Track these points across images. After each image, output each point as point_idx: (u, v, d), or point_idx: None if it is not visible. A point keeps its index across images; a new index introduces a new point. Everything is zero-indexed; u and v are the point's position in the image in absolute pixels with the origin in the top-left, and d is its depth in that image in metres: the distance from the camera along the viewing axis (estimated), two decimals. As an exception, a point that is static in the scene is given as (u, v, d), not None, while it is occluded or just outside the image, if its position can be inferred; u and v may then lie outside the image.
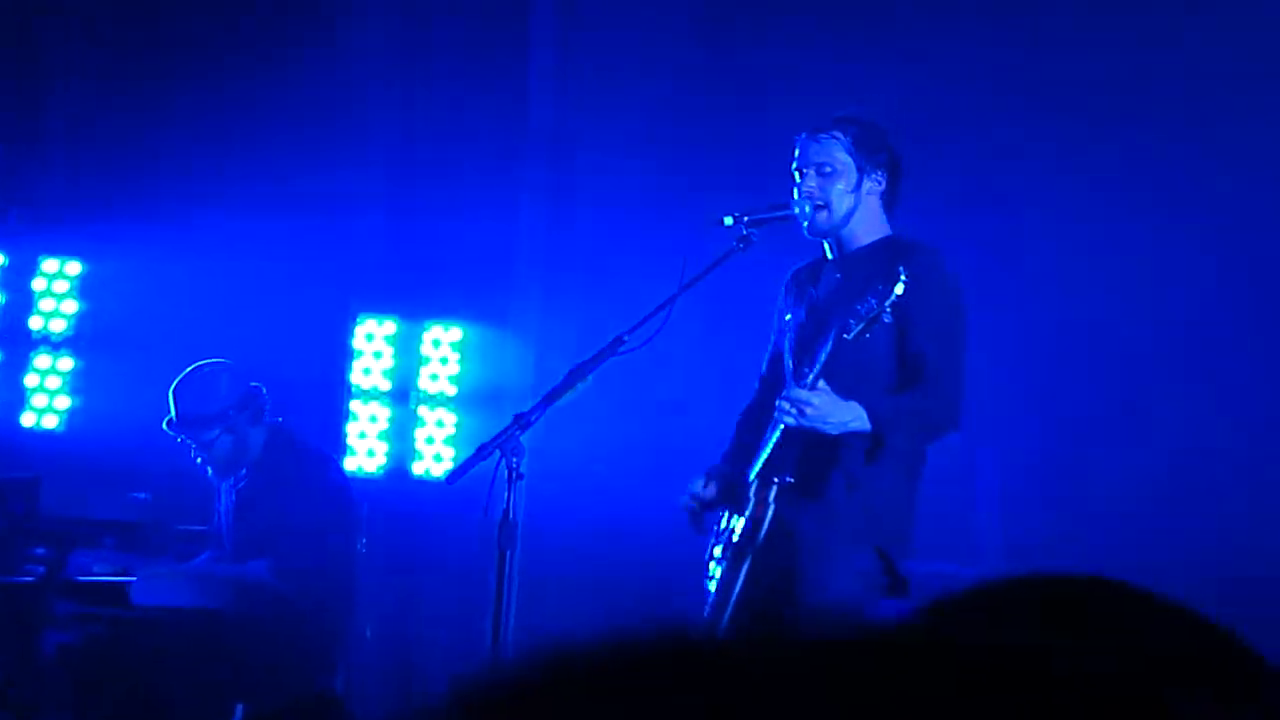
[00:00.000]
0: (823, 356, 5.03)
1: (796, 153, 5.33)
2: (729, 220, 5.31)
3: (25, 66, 8.23)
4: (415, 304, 8.71)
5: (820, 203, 5.27)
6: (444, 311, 8.73)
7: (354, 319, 8.70)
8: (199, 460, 6.49)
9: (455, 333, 8.75)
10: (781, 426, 5.08)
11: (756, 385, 5.51)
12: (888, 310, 4.88)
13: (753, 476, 5.20)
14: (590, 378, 5.25)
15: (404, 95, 8.62)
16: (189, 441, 6.46)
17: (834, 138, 5.30)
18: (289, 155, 8.44)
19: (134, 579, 6.39)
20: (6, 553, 6.40)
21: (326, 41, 8.57)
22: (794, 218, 5.31)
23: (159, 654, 6.32)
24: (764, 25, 8.16)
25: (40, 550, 6.50)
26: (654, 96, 8.37)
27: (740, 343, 6.04)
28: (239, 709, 6.41)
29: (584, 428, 6.81)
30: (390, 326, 8.73)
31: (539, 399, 5.27)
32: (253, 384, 6.55)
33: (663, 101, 8.36)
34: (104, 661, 6.36)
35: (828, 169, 5.28)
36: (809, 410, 5.01)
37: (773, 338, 5.48)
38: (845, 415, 5.04)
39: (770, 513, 5.13)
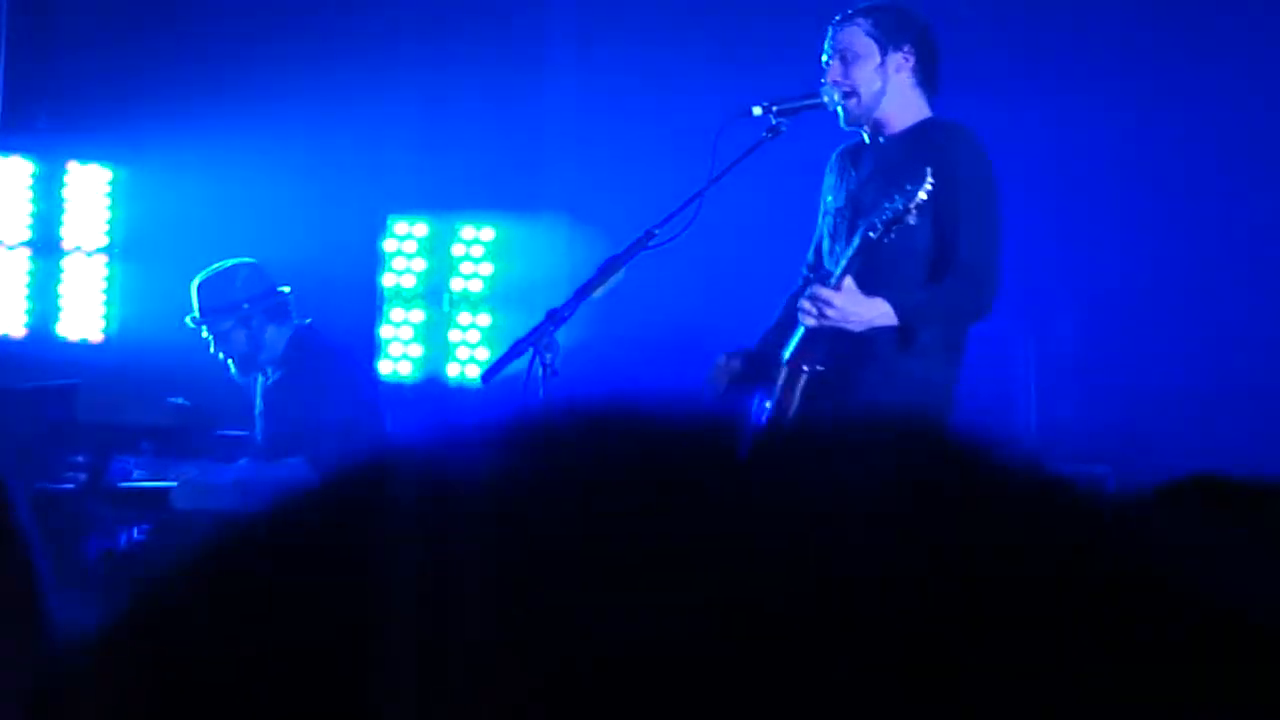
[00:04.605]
0: (849, 254, 5.00)
1: (826, 44, 5.31)
2: (758, 110, 5.27)
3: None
4: (446, 204, 8.69)
5: (847, 89, 5.23)
6: (475, 210, 8.72)
7: (385, 221, 8.70)
8: (220, 356, 6.63)
9: (487, 232, 8.73)
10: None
11: (803, 273, 5.47)
12: (913, 212, 4.85)
13: (782, 361, 5.17)
14: (623, 271, 5.24)
15: (425, 29, 8.56)
16: (208, 335, 6.61)
17: (855, 23, 5.27)
18: (318, 56, 8.40)
19: (174, 483, 6.45)
20: (47, 459, 6.45)
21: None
22: (823, 106, 5.28)
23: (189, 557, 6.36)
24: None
25: (80, 457, 6.55)
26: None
27: (773, 235, 6.01)
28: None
29: (617, 322, 6.80)
30: (422, 228, 8.72)
31: (571, 294, 5.26)
32: (277, 285, 6.68)
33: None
34: (145, 566, 6.41)
35: (850, 54, 5.24)
36: (830, 311, 4.99)
37: (818, 223, 5.44)
38: (869, 312, 5.01)
39: (796, 402, 5.11)
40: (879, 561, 0.61)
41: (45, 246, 8.35)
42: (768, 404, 5.18)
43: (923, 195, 4.81)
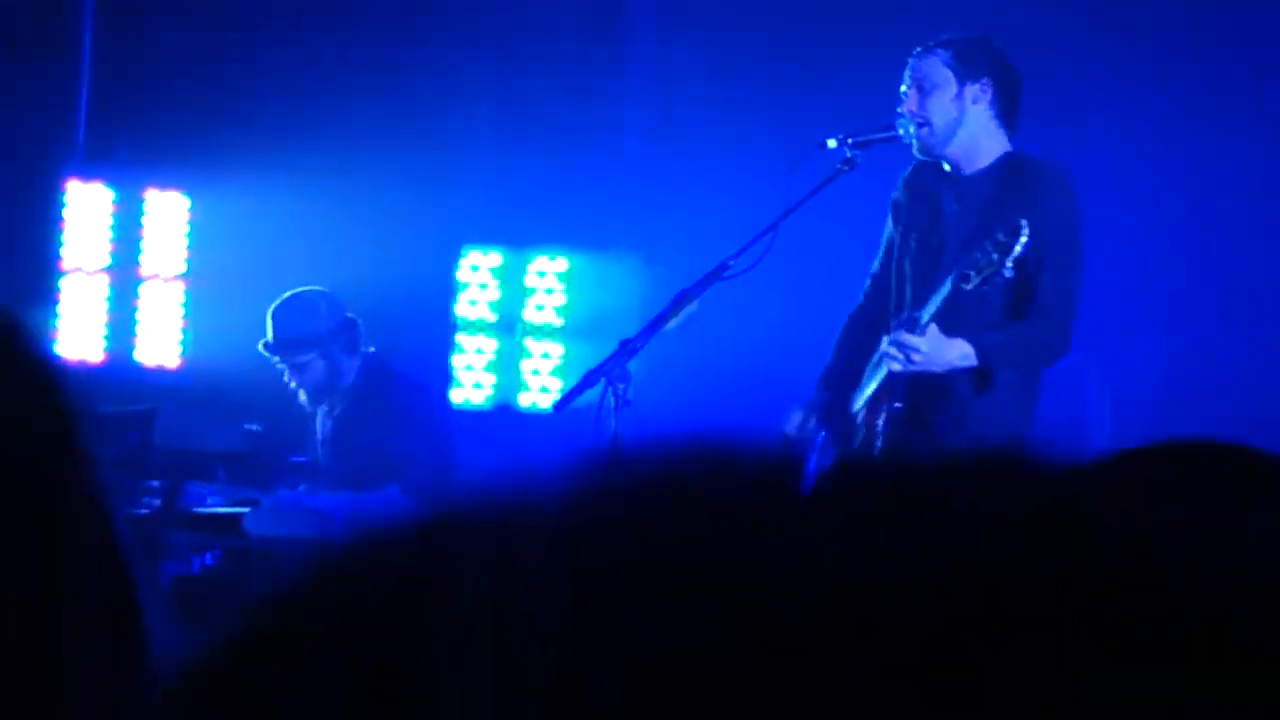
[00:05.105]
0: (938, 301, 4.98)
1: (905, 76, 5.29)
2: (833, 143, 5.27)
3: (121, 6, 8.28)
4: (520, 235, 8.72)
5: (921, 120, 5.21)
6: (549, 241, 8.74)
7: (459, 251, 8.74)
8: (292, 385, 6.65)
9: (560, 263, 8.76)
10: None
11: (867, 285, 5.45)
12: (1009, 266, 4.83)
13: (859, 405, 5.18)
14: (696, 303, 5.24)
15: (504, 23, 8.61)
16: (283, 364, 6.62)
17: (934, 54, 5.24)
18: (391, 85, 8.46)
19: (247, 509, 6.49)
20: (123, 485, 6.50)
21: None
22: (899, 138, 5.26)
23: (274, 584, 6.40)
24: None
25: (155, 482, 6.59)
26: (758, 13, 8.31)
27: (846, 267, 6.00)
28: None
29: (691, 353, 6.81)
30: (495, 258, 8.76)
31: (645, 325, 5.27)
32: (349, 315, 6.69)
33: (768, 19, 8.29)
34: (220, 592, 6.45)
35: (927, 84, 5.22)
36: (916, 357, 4.99)
37: (886, 236, 5.41)
38: (951, 354, 5.00)
39: (880, 441, 5.11)
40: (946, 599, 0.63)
41: (124, 273, 8.42)
42: (844, 444, 5.18)
43: (1019, 249, 4.79)
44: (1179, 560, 0.64)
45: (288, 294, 6.70)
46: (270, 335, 6.63)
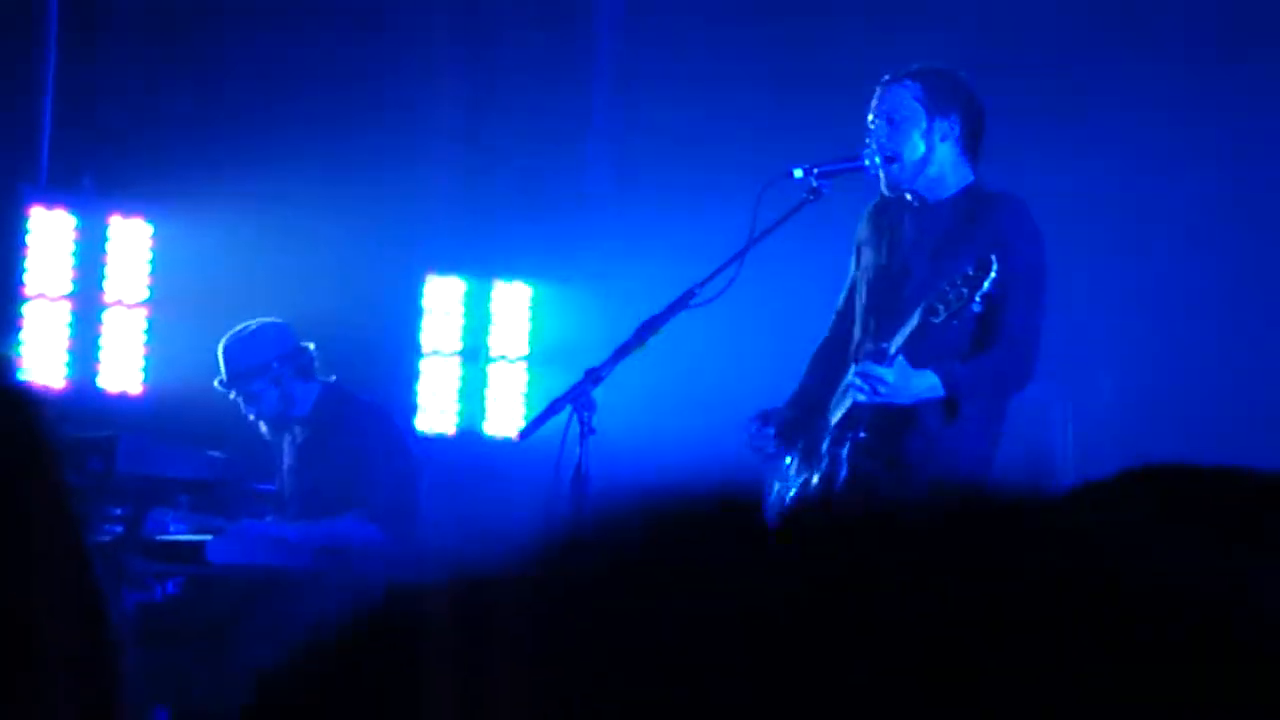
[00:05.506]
0: (905, 333, 4.99)
1: (872, 104, 5.29)
2: (799, 172, 5.28)
3: (84, 33, 8.26)
4: (484, 262, 8.72)
5: (890, 154, 5.22)
6: (513, 269, 8.75)
7: (422, 278, 8.73)
8: (251, 416, 6.69)
9: (525, 290, 8.76)
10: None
11: (832, 320, 5.47)
12: (978, 301, 4.84)
13: (824, 434, 5.19)
14: (661, 331, 5.25)
15: (470, 51, 8.63)
16: (238, 396, 6.66)
17: (904, 86, 5.24)
18: (356, 113, 8.45)
19: (210, 537, 6.47)
20: (85, 512, 6.46)
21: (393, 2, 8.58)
22: (865, 169, 5.27)
23: (237, 612, 6.38)
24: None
25: (118, 509, 6.57)
26: (722, 45, 8.34)
27: (812, 296, 6.02)
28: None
29: (656, 382, 6.81)
30: (459, 285, 8.76)
31: (610, 354, 5.27)
32: (301, 343, 6.71)
33: (731, 50, 8.32)
34: (181, 619, 6.43)
35: (896, 118, 5.23)
36: (882, 388, 5.00)
37: (851, 272, 5.43)
38: (919, 386, 5.02)
39: (844, 471, 5.12)
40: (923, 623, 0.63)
41: (87, 299, 8.39)
42: (808, 471, 5.19)
43: (987, 285, 4.80)
44: (1173, 570, 0.65)
45: (236, 328, 6.74)
46: (222, 370, 6.68)
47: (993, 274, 4.80)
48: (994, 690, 0.61)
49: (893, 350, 5.01)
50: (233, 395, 6.69)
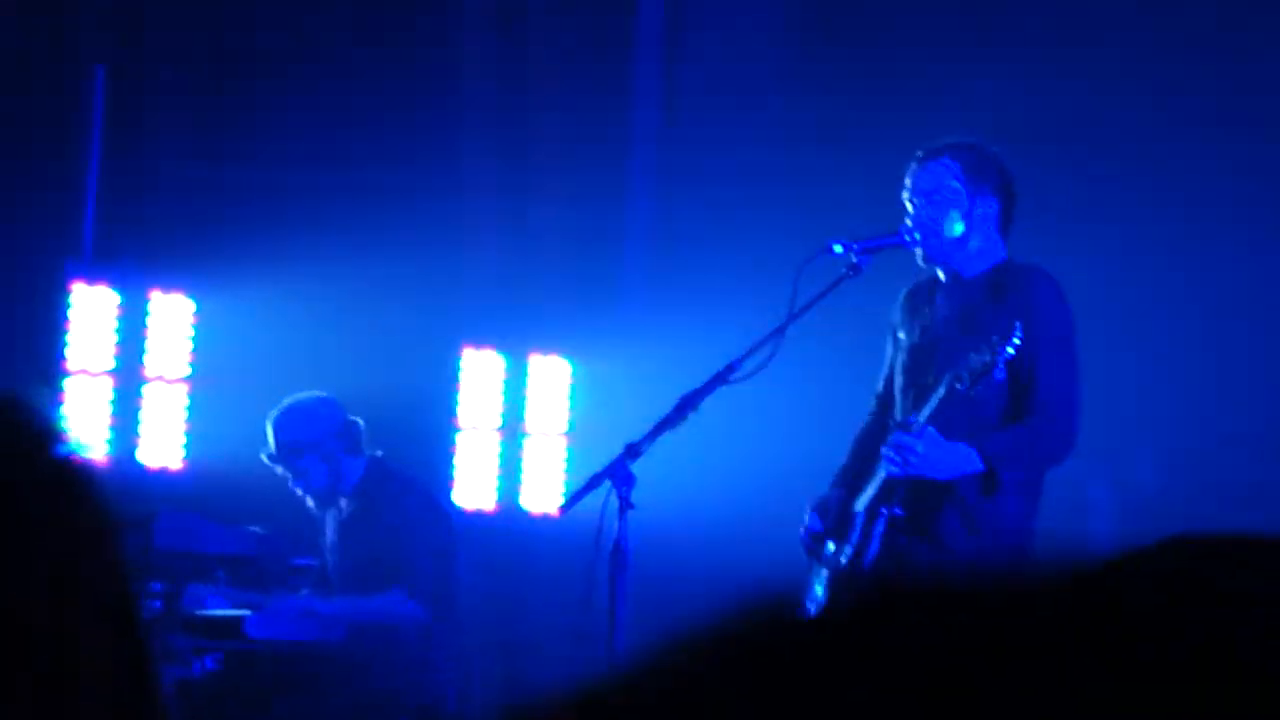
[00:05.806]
0: (934, 402, 4.98)
1: (908, 180, 5.30)
2: (839, 248, 5.29)
3: (128, 110, 8.33)
4: (522, 337, 8.74)
5: (930, 231, 5.23)
6: (551, 344, 8.76)
7: (460, 353, 8.75)
8: (298, 491, 6.67)
9: (563, 365, 8.77)
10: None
11: (873, 405, 5.47)
12: (1001, 367, 4.85)
13: (860, 508, 5.17)
14: (701, 406, 5.24)
15: (507, 132, 8.67)
16: (286, 471, 6.63)
17: (943, 164, 5.26)
18: (395, 191, 8.50)
19: (249, 612, 6.46)
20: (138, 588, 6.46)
21: (427, 72, 8.63)
22: (904, 245, 5.28)
23: (276, 687, 6.37)
24: (877, 43, 8.13)
25: (156, 585, 6.57)
26: (762, 123, 8.37)
27: (852, 371, 6.01)
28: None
29: (696, 457, 6.80)
30: (498, 360, 8.78)
31: (649, 428, 5.27)
32: (350, 417, 6.69)
33: (771, 127, 8.34)
34: (221, 695, 6.41)
35: (937, 196, 5.24)
36: (913, 459, 4.98)
37: (888, 354, 5.44)
38: (954, 459, 4.99)
39: (875, 548, 5.10)
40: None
41: (128, 374, 8.42)
42: (846, 550, 5.17)
43: (1011, 350, 4.81)
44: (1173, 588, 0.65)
45: (286, 401, 6.72)
46: (271, 444, 6.66)
47: (1015, 339, 4.81)
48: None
49: (922, 419, 5.00)
50: (280, 470, 6.68)
